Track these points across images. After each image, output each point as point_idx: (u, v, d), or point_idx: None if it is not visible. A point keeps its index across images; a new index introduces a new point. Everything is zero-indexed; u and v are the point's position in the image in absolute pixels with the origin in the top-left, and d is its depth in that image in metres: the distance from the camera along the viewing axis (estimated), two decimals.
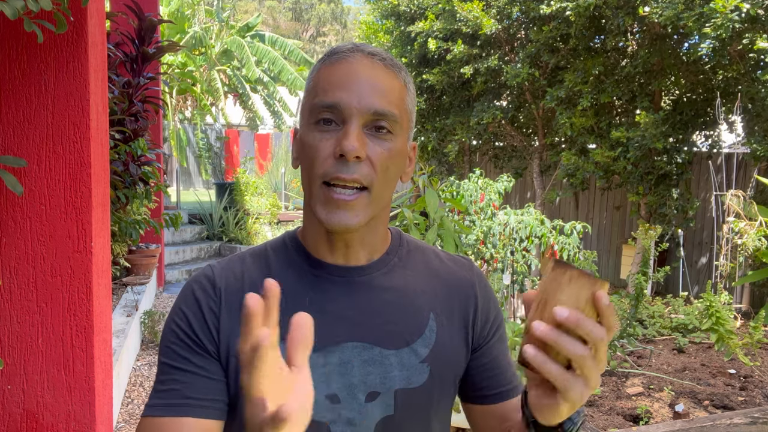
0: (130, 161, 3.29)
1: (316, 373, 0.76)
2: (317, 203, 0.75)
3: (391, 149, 0.77)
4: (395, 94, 0.78)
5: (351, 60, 0.77)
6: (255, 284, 0.81)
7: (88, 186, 1.76)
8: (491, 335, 0.89)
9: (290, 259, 0.84)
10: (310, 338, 0.53)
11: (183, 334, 0.78)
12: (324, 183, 0.75)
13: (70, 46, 1.72)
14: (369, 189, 0.75)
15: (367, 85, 0.75)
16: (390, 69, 0.79)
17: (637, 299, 3.57)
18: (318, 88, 0.77)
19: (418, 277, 0.86)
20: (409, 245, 0.90)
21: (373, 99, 0.75)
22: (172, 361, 0.77)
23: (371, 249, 0.84)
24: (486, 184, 4.74)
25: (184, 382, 0.76)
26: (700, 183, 6.76)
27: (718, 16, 4.56)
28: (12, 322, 1.76)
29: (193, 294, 0.80)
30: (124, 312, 4.13)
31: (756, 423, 2.64)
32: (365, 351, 0.79)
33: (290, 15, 37.36)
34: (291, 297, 0.80)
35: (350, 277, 0.82)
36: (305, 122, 0.79)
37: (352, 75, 0.76)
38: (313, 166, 0.75)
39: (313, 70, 0.81)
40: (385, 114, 0.75)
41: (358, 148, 0.73)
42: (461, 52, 6.76)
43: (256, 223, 8.91)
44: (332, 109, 0.75)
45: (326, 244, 0.81)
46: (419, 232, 3.20)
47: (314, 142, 0.76)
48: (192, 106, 13.66)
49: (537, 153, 7.61)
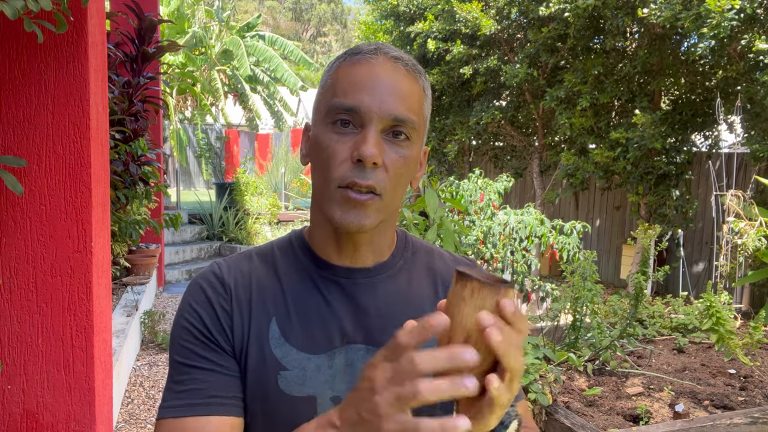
0: (130, 161, 3.29)
1: (321, 375, 0.77)
2: (333, 205, 0.74)
3: (407, 156, 0.76)
4: (415, 100, 0.76)
5: (373, 62, 0.75)
6: (262, 283, 0.81)
7: (88, 186, 1.76)
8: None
9: (296, 259, 0.83)
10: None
11: (198, 332, 0.77)
12: (340, 186, 0.74)
13: (70, 46, 1.72)
14: (381, 195, 0.74)
15: (388, 89, 0.74)
16: (412, 74, 0.77)
17: (637, 299, 3.56)
18: (337, 88, 0.75)
19: (422, 279, 0.87)
20: (415, 247, 0.90)
21: (394, 104, 0.73)
22: (189, 360, 0.76)
23: (378, 251, 0.83)
24: (486, 184, 4.74)
25: (205, 381, 0.75)
26: (700, 183, 6.77)
27: (714, 17, 4.56)
28: (12, 322, 1.76)
29: (204, 292, 0.79)
30: (124, 312, 4.13)
31: (756, 423, 2.64)
32: (369, 353, 0.78)
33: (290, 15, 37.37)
34: (296, 297, 0.80)
35: (356, 279, 0.81)
36: (320, 120, 0.77)
37: (374, 78, 0.74)
38: (329, 169, 0.74)
39: (331, 66, 0.79)
40: (404, 120, 0.74)
41: (376, 155, 0.71)
42: (460, 52, 6.77)
43: (256, 223, 8.91)
44: (351, 111, 0.73)
45: (334, 245, 0.81)
46: (419, 232, 3.20)
47: (331, 144, 0.74)
48: (192, 106, 13.67)
49: (537, 153, 7.61)
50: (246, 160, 11.77)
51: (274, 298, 0.80)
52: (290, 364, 0.76)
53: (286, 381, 0.76)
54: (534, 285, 4.74)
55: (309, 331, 0.78)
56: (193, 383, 0.75)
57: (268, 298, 0.79)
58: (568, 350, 3.52)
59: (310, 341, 0.77)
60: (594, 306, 3.57)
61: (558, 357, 3.29)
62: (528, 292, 4.74)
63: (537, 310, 4.78)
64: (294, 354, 0.76)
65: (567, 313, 3.76)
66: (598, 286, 3.56)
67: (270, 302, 0.79)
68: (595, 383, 3.29)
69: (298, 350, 0.77)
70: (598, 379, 3.36)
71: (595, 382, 3.31)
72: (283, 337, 0.77)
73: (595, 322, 3.53)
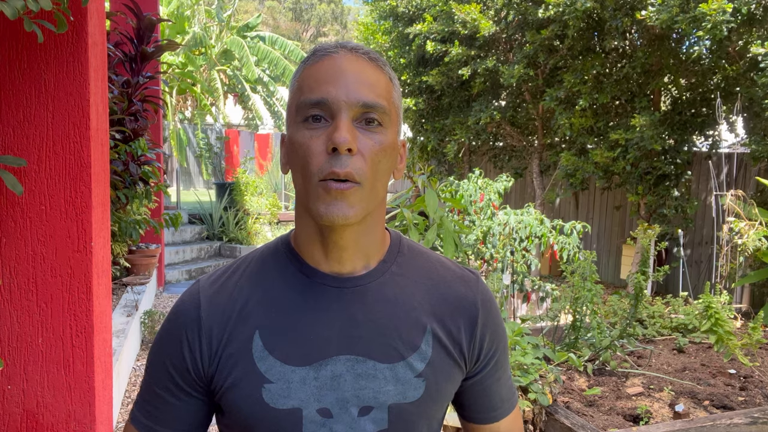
0: (130, 161, 3.29)
1: (307, 387, 0.76)
2: (316, 201, 0.73)
3: (383, 142, 0.75)
4: (382, 87, 0.77)
5: (335, 56, 0.76)
6: (245, 297, 0.81)
7: (88, 186, 1.76)
8: (487, 360, 0.87)
9: (283, 268, 0.82)
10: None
11: (169, 364, 0.81)
12: (320, 180, 0.73)
13: (70, 46, 1.72)
14: (362, 183, 0.73)
15: (353, 78, 0.74)
16: (375, 63, 0.78)
17: (637, 299, 3.56)
18: (304, 87, 0.76)
19: (417, 287, 0.83)
20: (411, 251, 0.87)
21: (361, 92, 0.74)
22: (155, 384, 0.82)
23: (367, 253, 0.81)
24: (485, 184, 4.74)
25: (164, 410, 0.82)
26: (700, 183, 6.77)
27: (709, 19, 4.57)
28: (12, 322, 1.76)
29: (176, 325, 0.81)
30: (124, 312, 4.13)
31: (756, 423, 2.64)
32: (358, 364, 0.77)
33: (290, 15, 37.37)
34: (281, 309, 0.79)
35: (344, 287, 0.79)
36: (292, 121, 0.77)
37: (337, 70, 0.75)
38: (307, 165, 0.74)
39: (297, 72, 0.80)
40: (374, 106, 0.74)
41: (350, 140, 0.72)
42: (459, 53, 6.77)
43: (256, 223, 8.91)
44: (320, 104, 0.74)
45: (321, 250, 0.79)
46: (418, 232, 3.20)
47: (304, 140, 0.74)
48: (192, 106, 13.66)
49: (536, 153, 7.62)
50: (246, 160, 11.76)
51: (258, 309, 0.79)
52: (274, 377, 0.76)
53: (270, 393, 0.76)
54: (534, 285, 4.74)
55: (294, 342, 0.77)
56: (157, 408, 0.82)
57: (252, 311, 0.79)
58: (568, 350, 3.52)
59: (294, 353, 0.77)
60: (594, 306, 3.57)
61: (558, 357, 3.29)
62: (528, 292, 4.74)
63: (537, 310, 4.78)
64: (278, 367, 0.76)
65: (567, 313, 3.76)
66: (598, 286, 3.56)
67: (254, 316, 0.79)
68: (595, 383, 3.29)
69: (283, 363, 0.76)
70: (598, 379, 3.36)
71: (595, 382, 3.31)
72: (267, 350, 0.77)
73: (595, 322, 3.54)
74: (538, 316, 4.05)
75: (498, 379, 0.90)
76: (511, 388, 0.93)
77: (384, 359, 0.78)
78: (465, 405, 0.90)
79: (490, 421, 0.90)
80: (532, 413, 2.76)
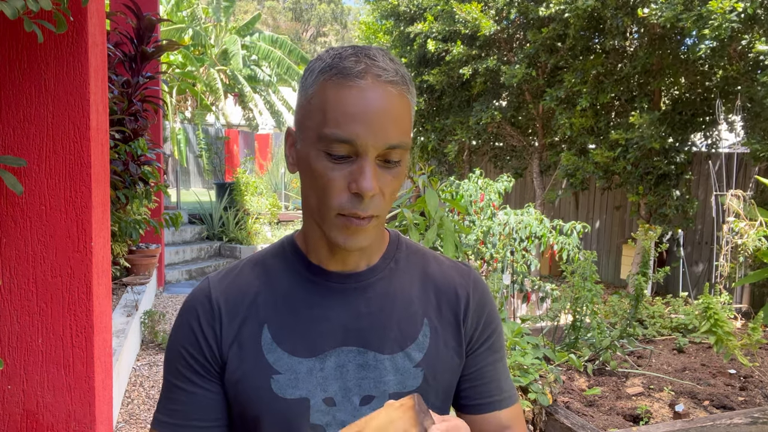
0: (130, 161, 3.29)
1: (314, 377, 0.80)
2: (333, 230, 0.76)
3: (399, 174, 0.77)
4: (406, 121, 0.76)
5: (363, 86, 0.72)
6: (253, 292, 0.84)
7: (88, 186, 1.76)
8: (480, 344, 0.89)
9: (289, 265, 0.86)
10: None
11: (187, 355, 0.83)
12: (339, 215, 0.75)
13: (70, 46, 1.72)
14: (379, 216, 0.77)
15: (381, 117, 0.72)
16: (401, 92, 0.75)
17: (637, 299, 3.56)
18: (329, 117, 0.73)
19: (414, 282, 0.88)
20: (408, 249, 0.91)
21: (389, 133, 0.73)
22: (177, 380, 0.83)
23: (369, 254, 0.86)
24: (486, 184, 4.74)
25: (190, 403, 0.82)
26: (700, 183, 6.77)
27: (716, 18, 4.56)
28: (12, 322, 1.76)
29: (193, 315, 0.83)
30: (124, 312, 4.13)
31: (756, 423, 2.64)
32: (360, 355, 0.81)
33: (290, 15, 37.36)
34: (288, 303, 0.83)
35: (348, 284, 0.84)
36: (311, 143, 0.75)
37: (367, 107, 0.72)
38: (327, 197, 0.74)
39: (314, 78, 0.76)
40: (398, 146, 0.74)
41: (375, 188, 0.73)
42: (460, 53, 6.77)
43: (256, 223, 8.91)
44: (347, 143, 0.72)
45: (327, 253, 0.83)
46: (419, 232, 3.20)
47: (326, 172, 0.74)
48: (192, 106, 13.67)
49: (537, 153, 7.62)
50: (246, 160, 11.76)
51: (266, 305, 0.83)
52: (282, 368, 0.80)
53: (279, 384, 0.80)
54: (534, 285, 4.74)
55: (301, 335, 0.81)
56: (179, 404, 0.83)
57: (261, 305, 0.83)
58: (568, 350, 3.52)
59: (301, 345, 0.81)
60: (594, 306, 3.57)
61: (558, 357, 3.29)
62: (528, 293, 4.74)
63: (537, 310, 4.78)
64: (286, 359, 0.80)
65: (567, 313, 3.76)
66: (598, 287, 3.56)
67: (262, 309, 0.83)
68: (595, 383, 3.29)
69: (290, 354, 0.80)
70: (598, 379, 3.36)
71: (595, 382, 3.31)
72: (275, 342, 0.81)
73: (595, 322, 3.53)
74: (538, 316, 4.06)
75: (493, 362, 0.90)
76: (510, 383, 0.94)
77: (384, 350, 0.82)
78: (463, 394, 0.90)
79: (488, 409, 0.89)
80: (532, 413, 2.76)
